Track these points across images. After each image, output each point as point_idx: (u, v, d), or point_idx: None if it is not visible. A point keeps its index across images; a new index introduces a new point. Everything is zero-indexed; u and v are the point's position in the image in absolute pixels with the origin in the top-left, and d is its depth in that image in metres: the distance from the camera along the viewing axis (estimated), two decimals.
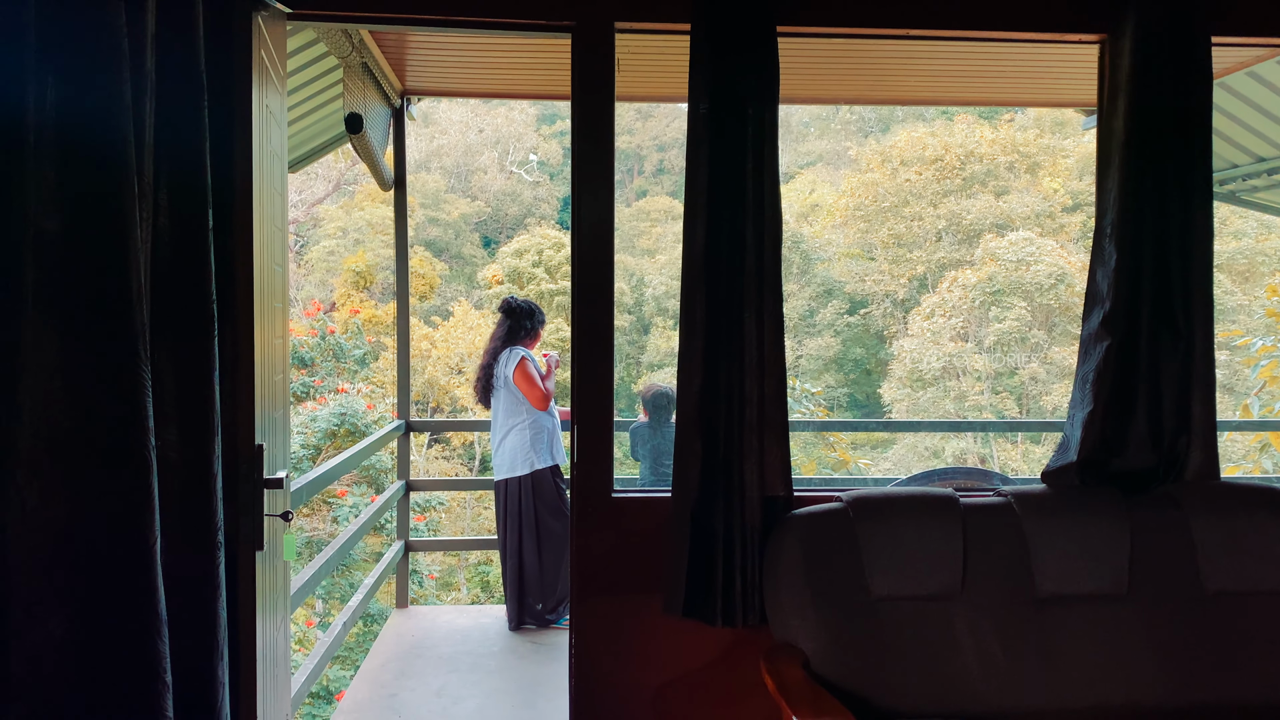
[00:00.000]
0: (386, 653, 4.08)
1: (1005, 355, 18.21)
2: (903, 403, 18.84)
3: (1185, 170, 2.48)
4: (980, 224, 20.17)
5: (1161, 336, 2.49)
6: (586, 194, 2.55)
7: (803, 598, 2.35)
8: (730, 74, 2.43)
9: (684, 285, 2.50)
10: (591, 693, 2.59)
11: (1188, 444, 2.53)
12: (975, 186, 20.93)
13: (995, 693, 2.31)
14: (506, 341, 4.44)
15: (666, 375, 20.07)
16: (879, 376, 20.95)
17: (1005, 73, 3.99)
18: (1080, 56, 3.62)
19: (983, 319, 18.38)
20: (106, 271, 1.37)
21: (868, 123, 27.43)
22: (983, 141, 20.89)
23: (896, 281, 21.22)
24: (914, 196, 20.94)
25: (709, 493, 2.47)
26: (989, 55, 3.68)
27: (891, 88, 4.24)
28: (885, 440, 18.55)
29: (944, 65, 3.83)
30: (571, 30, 2.52)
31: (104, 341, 1.38)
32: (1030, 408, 18.12)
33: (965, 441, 17.89)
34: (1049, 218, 20.21)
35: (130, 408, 1.40)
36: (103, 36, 1.32)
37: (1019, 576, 2.40)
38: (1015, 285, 17.98)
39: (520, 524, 4.37)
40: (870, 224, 21.34)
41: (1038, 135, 21.63)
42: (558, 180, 28.85)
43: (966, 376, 18.47)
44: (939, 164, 20.92)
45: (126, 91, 1.36)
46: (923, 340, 18.61)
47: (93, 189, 1.35)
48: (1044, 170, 21.32)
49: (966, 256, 20.07)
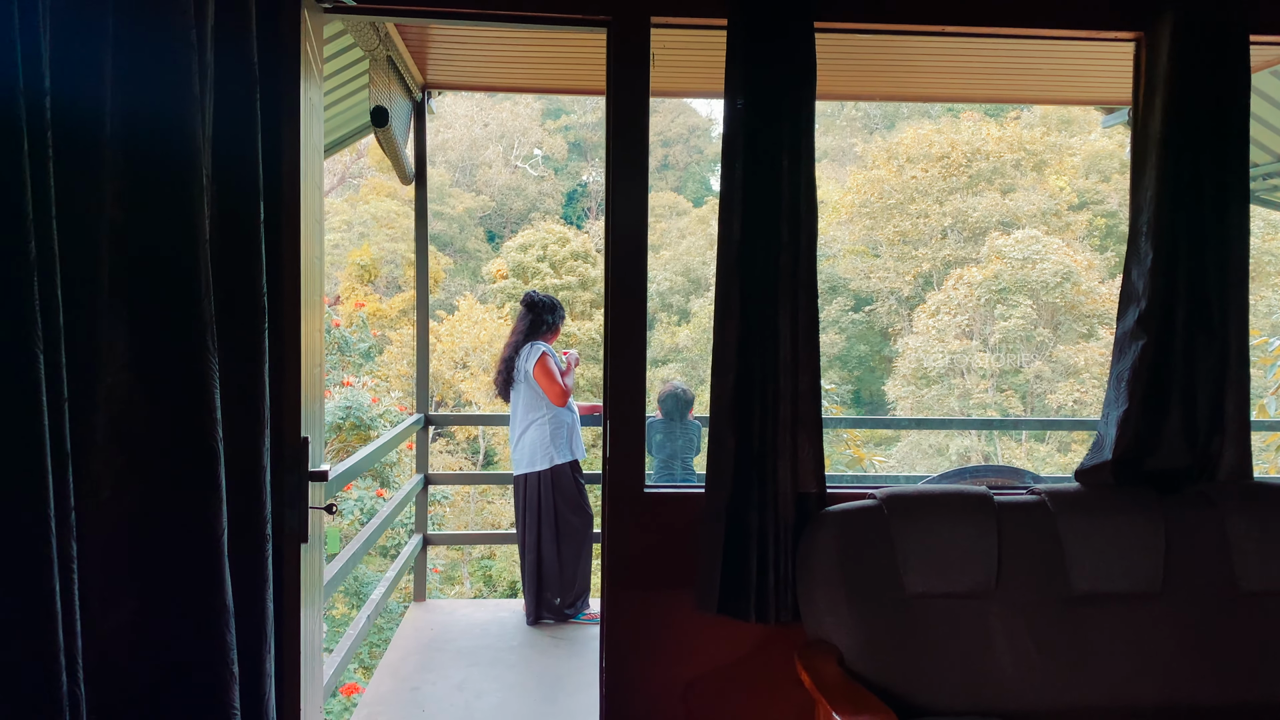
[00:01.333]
0: (406, 646, 4.08)
1: (1010, 353, 18.18)
2: (907, 400, 18.82)
3: (1222, 168, 2.48)
4: (986, 221, 20.14)
5: (1197, 335, 2.49)
6: (621, 188, 2.54)
7: (837, 594, 2.35)
8: (767, 69, 2.43)
9: (718, 281, 2.50)
10: (622, 686, 2.59)
11: (1221, 443, 2.53)
12: (981, 184, 20.88)
13: (1030, 691, 2.31)
14: (528, 336, 4.44)
15: (671, 371, 20.06)
16: (883, 374, 20.94)
17: (1029, 70, 3.99)
18: (1104, 55, 3.61)
19: (988, 317, 18.35)
20: (177, 262, 1.37)
21: (873, 119, 27.37)
22: (989, 139, 20.85)
23: (902, 279, 21.20)
24: (920, 193, 20.90)
25: (743, 488, 2.47)
26: (1014, 52, 3.68)
27: (916, 85, 4.24)
28: (889, 437, 18.54)
29: (970, 63, 3.82)
30: (608, 25, 2.51)
31: (173, 332, 1.38)
32: (1034, 406, 18.11)
33: (969, 439, 17.88)
34: (1055, 216, 20.18)
35: (199, 398, 1.40)
36: (175, 28, 1.32)
37: (1053, 575, 2.40)
38: (1021, 283, 17.95)
39: (539, 519, 4.37)
40: (876, 221, 21.31)
41: (1044, 133, 21.59)
42: (562, 175, 28.81)
43: (971, 374, 18.45)
44: (945, 161, 20.88)
45: (195, 84, 1.35)
46: (927, 338, 18.59)
47: (164, 182, 1.35)
48: (1050, 168, 21.28)
49: (972, 254, 20.05)
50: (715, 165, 30.06)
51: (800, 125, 2.45)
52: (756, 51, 2.42)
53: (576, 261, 21.44)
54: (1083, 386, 17.32)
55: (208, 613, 1.41)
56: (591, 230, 25.80)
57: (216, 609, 1.42)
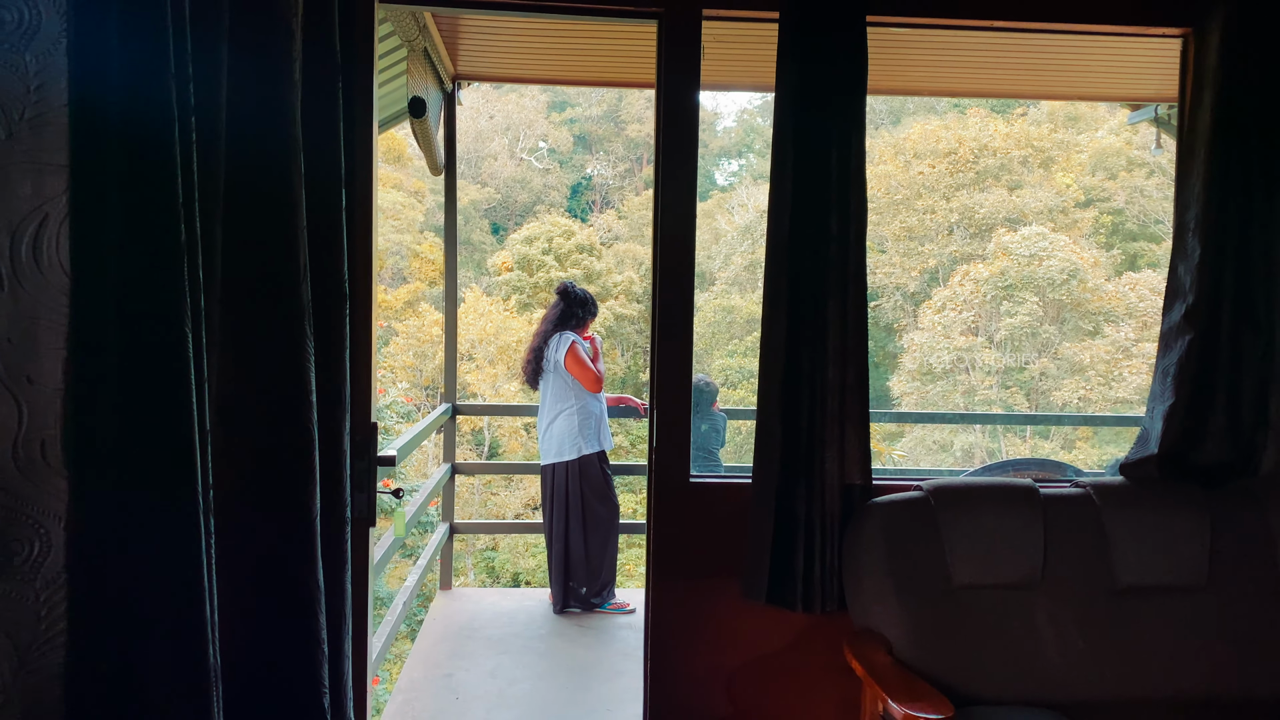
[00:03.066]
0: (436, 634, 4.11)
1: (1015, 350, 18.19)
2: (912, 396, 18.83)
3: (1271, 165, 2.49)
4: (993, 218, 20.12)
5: (1243, 331, 2.50)
6: (671, 179, 2.55)
7: (884, 585, 2.38)
8: (819, 63, 2.44)
9: (767, 274, 2.51)
10: (667, 673, 2.62)
11: (1264, 439, 2.55)
12: (988, 180, 20.87)
13: (1076, 681, 2.33)
14: (558, 326, 4.45)
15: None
16: (888, 370, 20.94)
17: (1057, 67, 4.00)
18: (1133, 52, 3.62)
19: (994, 313, 18.35)
20: (277, 249, 1.38)
21: (879, 115, 27.31)
22: (996, 135, 20.82)
23: (908, 274, 21.17)
24: (926, 189, 20.88)
25: (790, 479, 2.49)
26: (1045, 49, 3.69)
27: (945, 80, 4.25)
28: (894, 433, 18.57)
29: (1001, 58, 3.83)
30: (659, 16, 2.52)
31: (272, 317, 1.40)
32: (1039, 403, 18.12)
33: (974, 435, 17.90)
34: (1062, 213, 20.17)
35: (296, 381, 1.42)
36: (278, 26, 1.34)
37: (1098, 567, 2.42)
38: (1027, 280, 17.95)
39: (566, 509, 4.40)
40: (882, 216, 21.28)
41: (1051, 130, 21.56)
42: (568, 168, 28.75)
43: (976, 371, 18.45)
44: (952, 157, 20.86)
45: (294, 75, 1.37)
46: (933, 334, 18.58)
47: (266, 171, 1.37)
48: (1057, 165, 21.26)
49: (979, 250, 20.03)
50: (719, 159, 29.98)
51: (851, 119, 2.47)
52: (808, 45, 2.43)
53: (581, 254, 21.40)
54: (1087, 384, 17.34)
55: (303, 591, 1.44)
56: (596, 223, 25.75)
57: (310, 588, 1.45)
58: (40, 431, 0.90)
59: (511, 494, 15.20)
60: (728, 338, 20.01)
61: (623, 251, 23.87)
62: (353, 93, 1.78)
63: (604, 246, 23.41)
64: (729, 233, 22.88)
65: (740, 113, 30.81)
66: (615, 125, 29.12)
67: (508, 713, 3.34)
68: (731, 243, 22.48)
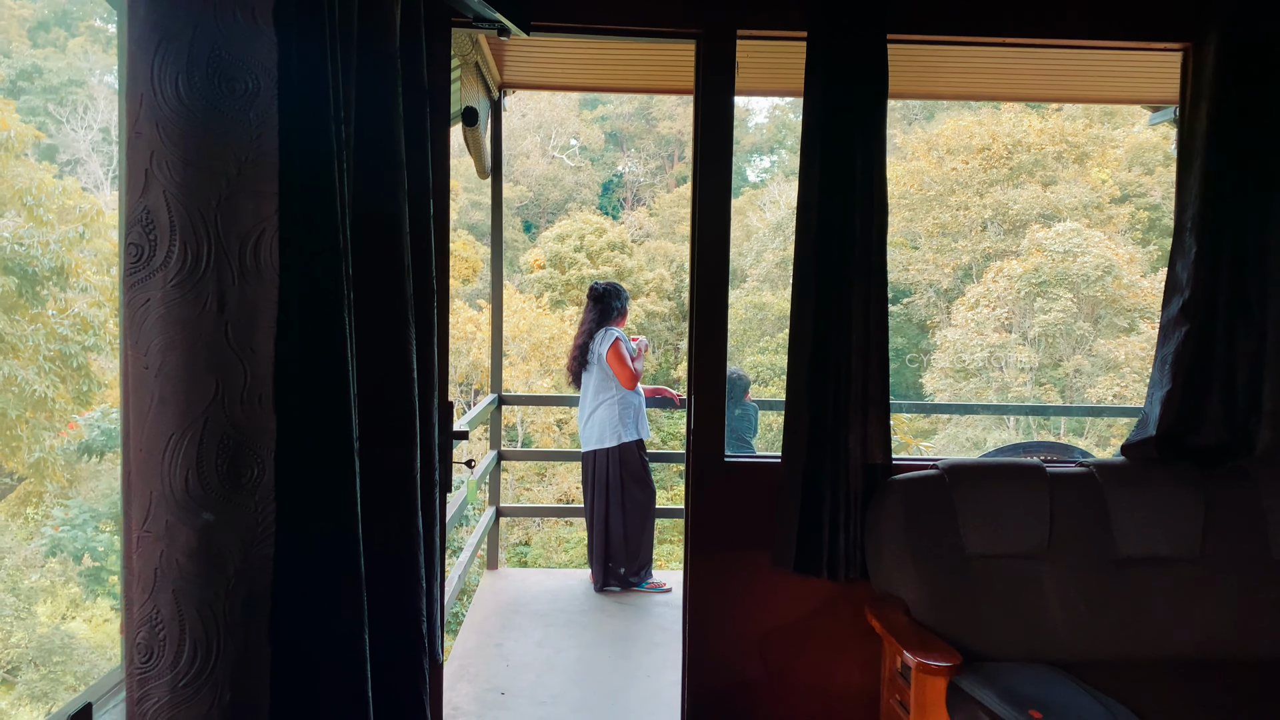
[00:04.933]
0: (486, 609, 4.40)
1: (1050, 347, 18.13)
2: (944, 393, 18.84)
3: (1264, 170, 2.69)
4: (1027, 214, 20.03)
5: (1237, 323, 2.71)
6: (707, 183, 2.80)
7: (903, 554, 2.62)
8: (843, 79, 2.68)
9: (796, 271, 2.76)
10: (704, 637, 2.88)
11: (1258, 423, 2.75)
12: (1022, 176, 20.77)
13: (1078, 642, 2.56)
14: (599, 323, 4.73)
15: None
16: (920, 366, 20.95)
17: (1078, 71, 4.18)
18: (1149, 58, 3.80)
19: (1028, 310, 18.28)
20: (390, 250, 1.67)
21: (912, 110, 27.26)
22: (1030, 131, 20.72)
23: (940, 271, 21.15)
24: (960, 185, 20.82)
25: (816, 459, 2.74)
26: (1064, 55, 3.88)
27: (968, 85, 4.45)
28: (926, 430, 18.62)
29: (1021, 64, 4.02)
30: (697, 37, 2.78)
31: (384, 308, 1.68)
32: (1074, 400, 18.07)
33: (1007, 433, 17.88)
34: (1097, 209, 20.03)
35: (400, 362, 1.70)
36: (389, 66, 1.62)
37: (1100, 539, 2.64)
38: (1061, 276, 17.86)
39: (607, 493, 4.67)
40: (915, 213, 21.28)
41: (1086, 125, 21.40)
42: (599, 165, 28.98)
43: (1009, 368, 18.42)
44: (986, 153, 20.78)
45: (398, 105, 1.65)
46: (966, 331, 18.56)
47: (379, 185, 1.65)
48: (1092, 161, 21.11)
49: (1012, 247, 19.96)
50: (751, 156, 30.05)
51: (872, 128, 2.71)
52: (833, 61, 2.68)
53: (613, 252, 21.59)
54: (1123, 381, 17.25)
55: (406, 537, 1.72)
56: (627, 220, 25.93)
57: (411, 535, 1.73)
58: (259, 387, 1.21)
59: (544, 489, 15.52)
60: (759, 334, 20.13)
61: (654, 249, 24.01)
62: (436, 115, 2.06)
63: (635, 244, 23.56)
64: (760, 229, 22.98)
65: (772, 108, 30.84)
66: (646, 122, 29.29)
67: (556, 677, 3.62)
68: (763, 239, 22.57)
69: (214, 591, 1.16)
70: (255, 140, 1.17)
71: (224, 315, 1.15)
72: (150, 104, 1.11)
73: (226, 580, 1.17)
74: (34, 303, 11.67)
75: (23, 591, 11.35)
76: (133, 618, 1.16)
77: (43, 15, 24.00)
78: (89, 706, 1.34)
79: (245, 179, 1.16)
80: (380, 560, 1.68)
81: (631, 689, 3.52)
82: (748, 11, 2.76)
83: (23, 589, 11.37)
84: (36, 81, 21.32)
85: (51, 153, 19.54)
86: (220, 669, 1.15)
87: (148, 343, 1.12)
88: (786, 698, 2.87)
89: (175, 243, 1.11)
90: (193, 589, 1.14)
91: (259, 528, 1.21)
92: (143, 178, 1.11)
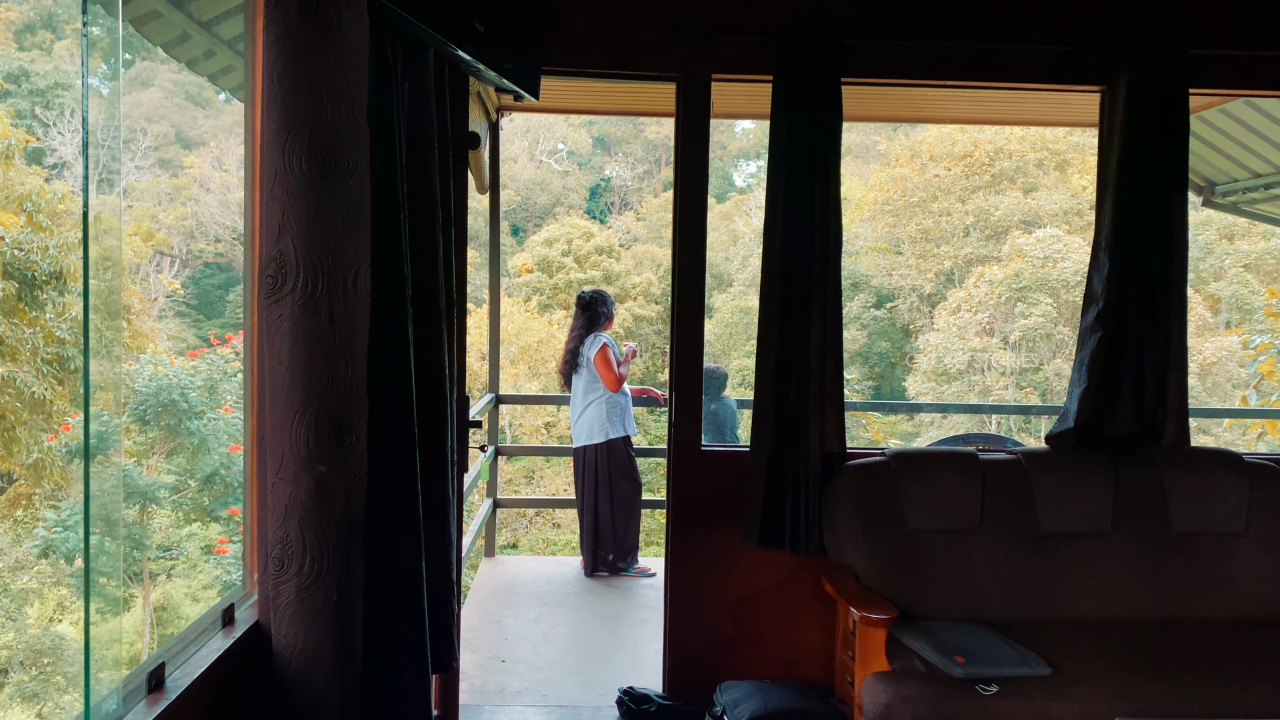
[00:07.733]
0: (485, 590, 4.79)
1: (1030, 351, 18.52)
2: (927, 397, 19.19)
3: (1166, 197, 3.10)
4: (1008, 220, 20.39)
5: (1144, 329, 3.12)
6: (686, 207, 3.20)
7: (854, 528, 3.02)
8: (803, 118, 3.08)
9: (763, 283, 3.16)
10: (683, 604, 3.27)
11: (1164, 416, 3.16)
12: (1004, 183, 21.14)
13: (1005, 605, 2.96)
14: (588, 329, 5.13)
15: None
16: (903, 370, 21.33)
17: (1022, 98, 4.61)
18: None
19: (1009, 315, 18.66)
20: (431, 271, 2.10)
21: None
22: (1012, 138, 21.11)
23: (923, 276, 21.52)
24: (942, 192, 21.17)
25: (780, 447, 3.14)
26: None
27: (924, 110, 4.88)
28: (909, 434, 19.05)
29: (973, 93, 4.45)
30: (677, 80, 3.18)
31: (424, 318, 2.09)
32: (1053, 403, 18.47)
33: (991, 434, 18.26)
34: (1077, 215, 20.41)
35: (437, 364, 2.12)
36: (424, 122, 2.05)
37: (1025, 516, 3.05)
38: (1042, 282, 18.22)
39: (596, 485, 5.07)
40: (898, 218, 21.66)
41: (1067, 133, 21.81)
42: (586, 170, 29.19)
43: (991, 371, 18.80)
44: (968, 160, 21.13)
45: (434, 156, 2.08)
46: (948, 335, 18.94)
47: (422, 216, 2.10)
48: (1073, 167, 21.53)
49: (994, 252, 20.33)
50: (738, 161, 30.31)
51: (830, 158, 3.11)
52: (794, 103, 3.08)
53: (600, 256, 21.75)
54: None
55: (438, 500, 2.16)
56: (615, 225, 26.15)
57: (446, 495, 2.20)
58: (357, 378, 1.70)
59: (533, 491, 15.90)
60: (745, 338, 20.45)
61: (641, 253, 24.20)
62: (458, 162, 2.47)
63: (623, 248, 23.73)
64: (746, 234, 23.30)
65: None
66: (634, 127, 29.51)
67: (551, 647, 4.00)
68: (749, 244, 22.83)
69: (326, 521, 1.63)
70: (355, 203, 1.63)
71: (333, 326, 1.60)
72: (281, 177, 1.57)
73: (334, 514, 1.64)
74: (33, 307, 11.97)
75: (13, 593, 11.59)
76: (267, 541, 1.63)
77: (29, 18, 24.17)
78: (162, 666, 1.63)
79: (348, 229, 1.62)
80: (427, 512, 2.13)
81: (619, 656, 3.91)
82: (722, 62, 3.16)
83: (14, 590, 11.60)
84: (24, 85, 21.50)
85: (39, 156, 19.73)
86: (330, 576, 1.64)
87: (280, 346, 1.58)
88: (755, 654, 3.27)
89: (300, 275, 1.58)
90: (312, 519, 1.62)
91: (356, 478, 1.69)
92: (276, 229, 1.58)
